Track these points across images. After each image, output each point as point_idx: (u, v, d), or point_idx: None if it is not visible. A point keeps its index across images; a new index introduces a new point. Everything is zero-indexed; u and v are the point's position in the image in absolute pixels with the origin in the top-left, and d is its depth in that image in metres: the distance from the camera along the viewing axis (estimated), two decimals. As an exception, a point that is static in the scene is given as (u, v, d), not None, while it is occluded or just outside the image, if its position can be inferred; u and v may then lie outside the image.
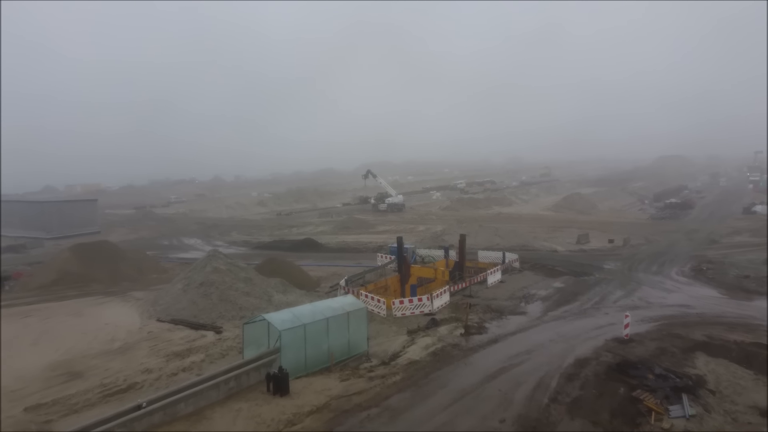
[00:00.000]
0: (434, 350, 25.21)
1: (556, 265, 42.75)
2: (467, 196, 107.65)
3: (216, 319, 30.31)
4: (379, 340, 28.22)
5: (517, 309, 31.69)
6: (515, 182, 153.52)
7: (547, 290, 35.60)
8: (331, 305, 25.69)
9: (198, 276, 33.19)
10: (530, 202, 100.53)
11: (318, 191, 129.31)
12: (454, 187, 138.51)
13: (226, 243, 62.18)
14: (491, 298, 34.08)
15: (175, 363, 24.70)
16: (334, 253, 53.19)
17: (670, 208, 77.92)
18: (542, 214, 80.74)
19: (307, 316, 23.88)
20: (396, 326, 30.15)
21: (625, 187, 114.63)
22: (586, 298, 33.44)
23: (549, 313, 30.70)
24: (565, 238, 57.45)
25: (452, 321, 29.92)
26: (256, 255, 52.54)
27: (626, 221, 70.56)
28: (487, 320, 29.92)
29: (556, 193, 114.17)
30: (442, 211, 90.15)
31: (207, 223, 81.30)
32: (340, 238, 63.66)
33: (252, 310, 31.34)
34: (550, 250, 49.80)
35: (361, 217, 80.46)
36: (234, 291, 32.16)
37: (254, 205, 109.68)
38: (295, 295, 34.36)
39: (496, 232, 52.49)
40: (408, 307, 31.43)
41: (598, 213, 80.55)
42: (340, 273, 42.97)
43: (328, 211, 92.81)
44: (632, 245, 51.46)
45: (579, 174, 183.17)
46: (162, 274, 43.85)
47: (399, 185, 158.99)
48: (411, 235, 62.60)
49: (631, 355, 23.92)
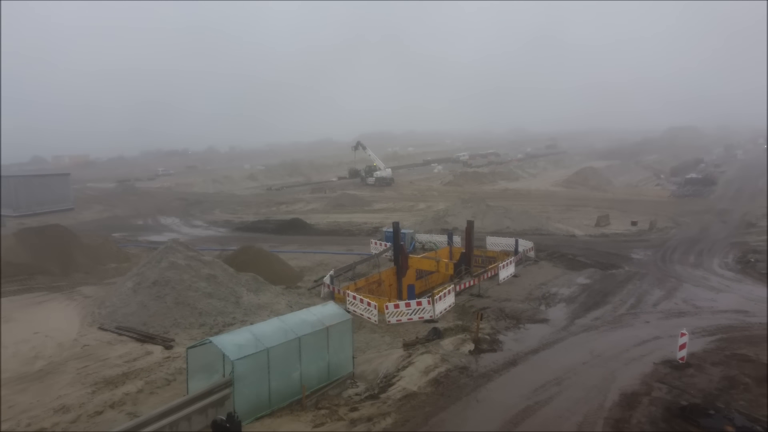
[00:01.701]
0: (437, 376, 19.68)
1: (577, 254, 37.04)
2: (471, 169, 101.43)
3: (169, 328, 24.71)
4: (368, 355, 22.73)
5: (537, 315, 26.08)
6: (520, 154, 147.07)
7: (570, 288, 29.95)
8: (306, 318, 20.06)
9: (151, 273, 27.48)
10: (538, 177, 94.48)
11: (313, 164, 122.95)
12: (457, 160, 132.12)
13: (205, 223, 56.44)
14: (504, 298, 28.45)
15: (104, 395, 19.13)
16: (324, 237, 47.48)
17: (691, 185, 71.90)
18: (553, 190, 74.81)
19: (272, 337, 18.26)
20: (390, 336, 24.64)
21: (639, 161, 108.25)
22: (618, 300, 27.80)
23: (576, 321, 25.08)
24: (581, 219, 51.66)
25: (458, 331, 24.34)
26: (235, 239, 46.89)
27: (646, 199, 64.64)
28: (502, 330, 24.34)
29: (565, 166, 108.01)
30: (445, 186, 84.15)
31: (190, 200, 75.41)
32: (331, 217, 57.87)
33: (214, 315, 25.75)
34: (568, 235, 44.04)
35: (356, 193, 74.53)
36: (193, 292, 26.48)
37: (244, 179, 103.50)
38: (269, 294, 28.72)
39: (505, 213, 46.67)
40: (404, 312, 25.82)
41: (614, 189, 74.57)
42: (327, 263, 37.34)
43: (321, 186, 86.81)
44: (659, 228, 45.68)
45: (586, 146, 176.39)
46: (123, 263, 38.21)
47: (399, 157, 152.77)
48: (410, 215, 56.81)
49: (692, 388, 18.39)
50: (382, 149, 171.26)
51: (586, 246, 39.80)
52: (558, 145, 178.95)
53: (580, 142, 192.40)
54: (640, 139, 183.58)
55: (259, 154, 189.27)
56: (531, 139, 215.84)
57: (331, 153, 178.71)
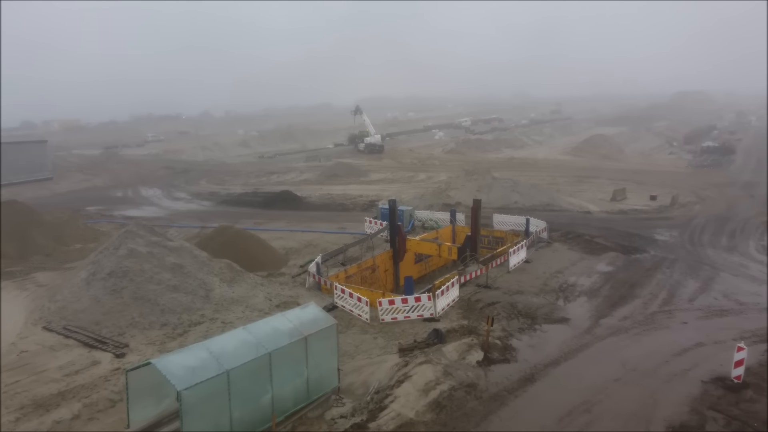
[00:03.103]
0: (438, 397, 16.19)
1: (595, 234, 33.22)
2: (474, 136, 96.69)
3: (125, 329, 21.07)
4: (358, 362, 19.19)
5: (555, 312, 22.42)
6: (524, 120, 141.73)
7: (590, 277, 26.23)
8: (279, 327, 16.39)
9: (107, 262, 23.68)
10: (545, 144, 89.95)
11: (309, 129, 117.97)
12: (459, 126, 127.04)
13: (189, 195, 52.45)
14: (516, 290, 24.74)
15: (30, 423, 15.61)
16: (316, 212, 43.57)
17: (708, 153, 67.57)
18: (561, 159, 70.52)
19: (235, 354, 14.67)
20: (383, 337, 21.03)
21: (650, 127, 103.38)
22: (648, 293, 24.11)
23: (601, 322, 21.45)
24: (595, 193, 47.68)
25: (463, 333, 20.74)
26: (218, 214, 43.02)
27: (661, 169, 60.43)
28: (514, 332, 20.74)
29: (573, 133, 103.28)
30: (446, 154, 79.72)
31: (177, 168, 71.17)
32: (325, 189, 53.83)
33: (179, 312, 22.09)
34: (582, 211, 40.12)
35: (352, 162, 70.26)
36: (155, 285, 22.73)
37: (236, 145, 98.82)
38: (246, 285, 24.99)
39: (513, 187, 42.64)
40: (401, 309, 22.13)
41: (626, 158, 70.25)
42: (316, 243, 33.56)
43: (316, 154, 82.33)
44: (681, 204, 41.74)
45: (592, 111, 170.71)
46: (90, 242, 34.41)
47: (398, 123, 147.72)
48: (409, 187, 52.81)
49: (755, 418, 14.93)
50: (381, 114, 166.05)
51: (604, 225, 35.95)
52: (563, 111, 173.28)
53: (585, 108, 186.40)
54: (647, 105, 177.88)
55: (255, 119, 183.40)
56: (535, 105, 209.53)
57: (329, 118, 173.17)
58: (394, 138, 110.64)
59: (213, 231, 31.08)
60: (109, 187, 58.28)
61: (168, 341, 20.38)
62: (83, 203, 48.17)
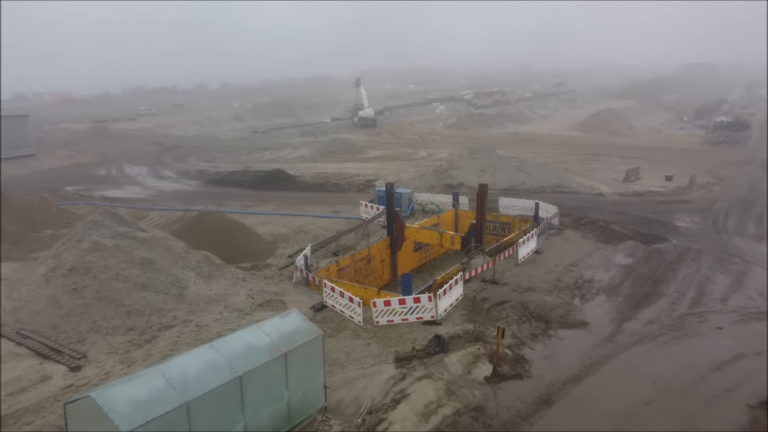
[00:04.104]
0: (440, 425, 13.82)
1: (609, 220, 30.58)
2: (477, 110, 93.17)
3: (86, 334, 18.58)
4: (348, 373, 16.79)
5: (571, 314, 19.91)
6: (528, 93, 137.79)
7: (608, 271, 23.68)
8: (254, 342, 13.89)
9: (68, 256, 21.07)
10: (550, 119, 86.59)
11: (306, 103, 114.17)
12: (461, 99, 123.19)
13: (176, 174, 49.60)
14: (526, 286, 22.21)
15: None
16: (309, 193, 40.83)
17: (722, 129, 64.37)
18: (568, 135, 67.36)
19: (197, 381, 12.18)
20: (378, 343, 18.59)
21: (658, 101, 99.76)
22: (674, 292, 21.57)
23: (624, 326, 18.94)
24: (606, 172, 44.85)
25: (468, 339, 18.29)
26: (204, 195, 40.36)
27: (674, 146, 57.41)
28: (527, 339, 18.27)
29: (579, 106, 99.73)
30: (448, 129, 76.51)
31: (166, 144, 68.12)
32: (320, 167, 50.96)
33: (148, 314, 19.58)
34: (594, 193, 37.37)
35: (349, 137, 67.18)
36: (121, 283, 20.16)
37: (229, 120, 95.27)
38: (225, 280, 22.45)
39: (520, 166, 39.82)
40: (398, 311, 19.63)
41: (637, 134, 67.07)
42: (307, 229, 30.95)
43: (312, 128, 79.04)
44: (700, 185, 38.99)
45: (597, 84, 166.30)
46: (62, 228, 31.71)
47: (398, 96, 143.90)
48: (408, 165, 49.96)
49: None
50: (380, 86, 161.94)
51: (618, 209, 33.29)
52: (567, 83, 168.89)
53: (590, 80, 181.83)
54: (653, 77, 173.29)
55: (252, 92, 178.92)
56: (538, 77, 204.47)
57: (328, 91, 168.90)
58: (393, 112, 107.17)
59: (192, 218, 28.41)
60: (93, 165, 55.39)
61: (133, 349, 17.92)
62: (62, 182, 45.42)
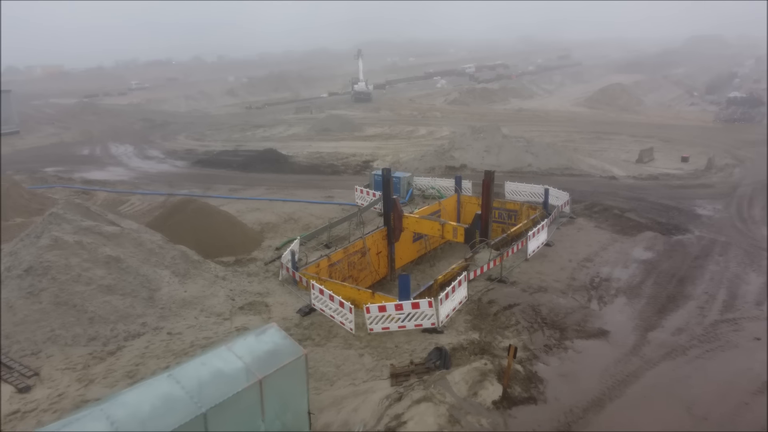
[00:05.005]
0: (443, 462, 11.76)
1: (624, 207, 28.24)
2: (479, 85, 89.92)
3: (42, 345, 16.45)
4: (337, 390, 14.73)
5: (589, 320, 17.74)
6: (531, 66, 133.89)
7: (627, 268, 21.46)
8: (222, 368, 11.76)
9: (26, 254, 18.82)
10: (555, 94, 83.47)
11: (303, 76, 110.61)
12: (462, 73, 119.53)
13: (163, 153, 47.04)
14: (537, 286, 20.02)
15: None
16: (302, 175, 38.39)
17: (736, 105, 61.57)
18: (575, 112, 64.52)
19: (150, 420, 10.11)
20: (371, 354, 16.45)
21: (667, 75, 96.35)
22: (702, 293, 19.37)
23: (649, 336, 16.79)
24: (617, 152, 42.34)
25: (474, 351, 16.19)
26: (190, 177, 37.95)
27: (687, 124, 54.69)
28: (539, 352, 16.14)
29: (585, 81, 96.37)
30: (449, 105, 73.56)
31: (156, 121, 65.33)
32: (314, 146, 48.39)
33: (113, 321, 17.42)
34: (606, 176, 34.95)
35: (345, 113, 64.38)
36: (84, 285, 17.96)
37: (223, 94, 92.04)
38: (203, 280, 20.24)
39: (527, 147, 37.30)
40: (394, 317, 17.46)
41: (647, 111, 64.19)
42: (298, 216, 28.65)
43: (307, 104, 76.03)
44: (719, 167, 36.55)
45: (603, 56, 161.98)
46: (35, 215, 29.40)
47: (398, 69, 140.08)
48: (408, 145, 47.41)
49: None
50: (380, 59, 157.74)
51: (633, 194, 30.92)
52: (571, 56, 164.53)
53: (594, 53, 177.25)
54: (659, 50, 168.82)
55: (249, 65, 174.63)
56: (541, 49, 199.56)
57: (326, 63, 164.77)
58: (393, 86, 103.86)
59: (171, 206, 26.07)
60: (77, 143, 52.74)
61: (93, 363, 15.81)
62: (43, 163, 42.98)
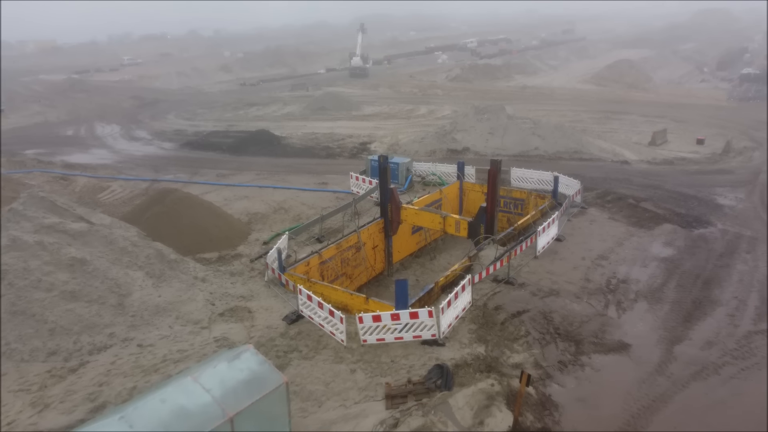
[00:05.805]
0: None
1: (640, 196, 26.24)
2: (482, 61, 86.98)
3: (-5, 360, 14.71)
4: (325, 413, 13.03)
5: (607, 331, 15.93)
6: (535, 41, 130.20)
7: (646, 267, 19.58)
8: (185, 405, 10.00)
9: (-20, 255, 16.96)
10: (560, 70, 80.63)
11: (300, 51, 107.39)
12: (464, 47, 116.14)
13: (150, 135, 44.85)
14: (548, 289, 18.17)
15: None
16: (295, 159, 36.34)
17: (749, 82, 59.09)
18: (582, 89, 62.02)
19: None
20: (364, 371, 14.65)
21: (676, 51, 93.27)
22: (731, 297, 17.53)
23: (676, 349, 15.02)
24: (628, 134, 40.16)
25: (479, 369, 14.45)
26: (178, 161, 35.89)
27: (699, 102, 52.32)
28: (553, 370, 14.38)
29: (591, 56, 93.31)
30: (451, 82, 70.92)
31: (146, 99, 62.90)
32: (309, 126, 46.17)
33: (77, 332, 15.63)
34: (618, 160, 32.89)
35: (343, 90, 61.91)
36: (44, 292, 16.12)
37: (217, 70, 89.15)
38: (180, 282, 18.37)
39: (533, 129, 35.14)
40: (390, 327, 15.64)
41: (657, 88, 61.65)
42: (289, 206, 26.70)
43: (304, 81, 73.35)
44: (737, 151, 34.44)
45: (608, 30, 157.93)
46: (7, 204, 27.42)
47: (398, 44, 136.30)
48: (407, 125, 45.19)
49: None
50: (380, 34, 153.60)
51: (648, 181, 28.92)
52: (575, 30, 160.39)
53: (599, 27, 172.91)
54: (666, 24, 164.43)
55: (246, 39, 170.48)
56: (544, 23, 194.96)
57: (325, 37, 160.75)
58: (392, 62, 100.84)
59: (150, 198, 24.13)
60: (62, 123, 50.51)
61: (51, 383, 14.05)
62: (23, 145, 40.85)
